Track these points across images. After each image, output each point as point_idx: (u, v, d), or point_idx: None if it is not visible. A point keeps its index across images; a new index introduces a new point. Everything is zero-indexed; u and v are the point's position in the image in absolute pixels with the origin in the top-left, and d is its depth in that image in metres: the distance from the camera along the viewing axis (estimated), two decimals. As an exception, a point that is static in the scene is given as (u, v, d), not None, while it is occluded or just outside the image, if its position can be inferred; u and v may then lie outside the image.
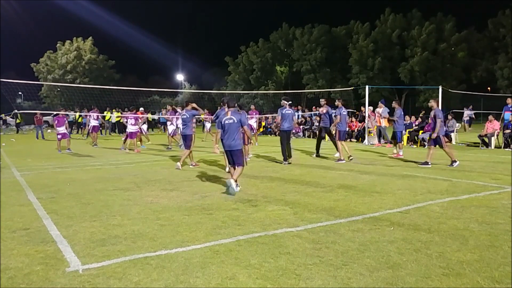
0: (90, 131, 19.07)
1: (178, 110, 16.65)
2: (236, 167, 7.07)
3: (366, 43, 41.92)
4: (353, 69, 43.62)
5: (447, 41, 40.71)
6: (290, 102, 11.15)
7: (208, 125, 21.07)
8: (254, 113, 17.51)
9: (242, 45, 52.71)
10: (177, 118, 15.60)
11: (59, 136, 14.73)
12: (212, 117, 17.94)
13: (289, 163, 10.60)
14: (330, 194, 6.65)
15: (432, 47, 40.50)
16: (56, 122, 14.92)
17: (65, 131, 14.85)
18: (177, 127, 15.61)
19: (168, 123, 16.70)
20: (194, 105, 10.86)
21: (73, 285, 3.29)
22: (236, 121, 7.01)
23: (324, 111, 11.97)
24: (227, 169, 9.51)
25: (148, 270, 3.56)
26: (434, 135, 9.84)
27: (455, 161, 9.72)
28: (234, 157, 7.09)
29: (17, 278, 3.45)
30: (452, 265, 3.58)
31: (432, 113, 9.98)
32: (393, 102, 12.74)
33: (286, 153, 10.75)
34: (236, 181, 6.85)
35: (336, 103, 11.62)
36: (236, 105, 7.43)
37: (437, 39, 40.80)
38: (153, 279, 3.38)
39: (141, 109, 20.12)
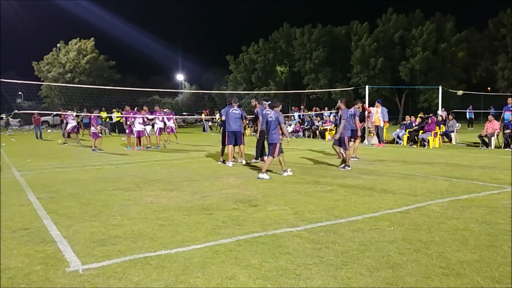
0: (70, 131, 19.30)
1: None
2: (267, 156, 8.82)
3: (369, 43, 41.93)
4: (355, 69, 43.62)
5: (447, 41, 40.68)
6: (238, 103, 10.95)
7: (172, 124, 19.13)
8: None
9: (243, 45, 52.79)
10: (135, 118, 15.78)
11: (96, 136, 15.27)
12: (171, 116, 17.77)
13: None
14: (330, 194, 6.65)
15: (432, 47, 40.48)
16: (94, 122, 15.49)
17: (95, 131, 15.35)
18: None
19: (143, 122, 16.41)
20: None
21: (73, 285, 3.29)
22: (274, 119, 8.57)
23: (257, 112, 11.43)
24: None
25: (148, 270, 3.56)
26: (336, 136, 9.80)
27: (348, 166, 9.52)
28: (269, 148, 8.70)
29: (17, 278, 3.45)
30: (452, 265, 3.58)
31: (338, 114, 10.04)
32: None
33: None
34: (265, 170, 8.37)
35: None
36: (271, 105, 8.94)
37: (438, 39, 40.78)
38: (153, 279, 3.38)
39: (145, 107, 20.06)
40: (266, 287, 3.21)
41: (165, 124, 18.12)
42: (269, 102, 9.41)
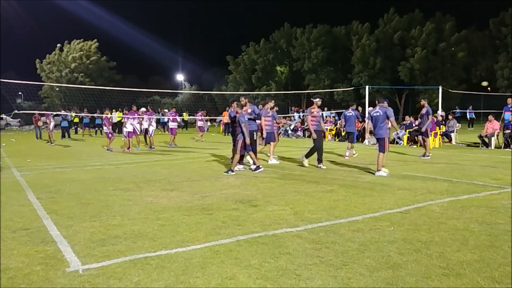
0: (52, 130, 19.92)
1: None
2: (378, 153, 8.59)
3: (370, 42, 41.91)
4: (356, 68, 43.60)
5: (447, 41, 40.66)
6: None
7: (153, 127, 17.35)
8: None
9: (243, 45, 52.73)
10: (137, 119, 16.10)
11: (110, 135, 15.82)
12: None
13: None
14: (330, 194, 6.65)
15: (432, 47, 40.45)
16: (106, 122, 16.20)
17: (109, 131, 15.91)
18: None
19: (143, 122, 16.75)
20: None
21: (73, 285, 3.29)
22: (382, 114, 8.45)
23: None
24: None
25: (148, 270, 3.56)
26: (247, 140, 9.09)
27: (260, 167, 9.28)
28: (378, 144, 8.66)
29: (17, 278, 3.45)
30: (452, 265, 3.58)
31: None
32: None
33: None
34: (383, 166, 8.45)
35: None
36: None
37: (437, 39, 40.76)
38: (153, 279, 3.38)
39: (143, 109, 20.17)
40: (266, 287, 3.21)
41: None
42: (379, 99, 9.02)
